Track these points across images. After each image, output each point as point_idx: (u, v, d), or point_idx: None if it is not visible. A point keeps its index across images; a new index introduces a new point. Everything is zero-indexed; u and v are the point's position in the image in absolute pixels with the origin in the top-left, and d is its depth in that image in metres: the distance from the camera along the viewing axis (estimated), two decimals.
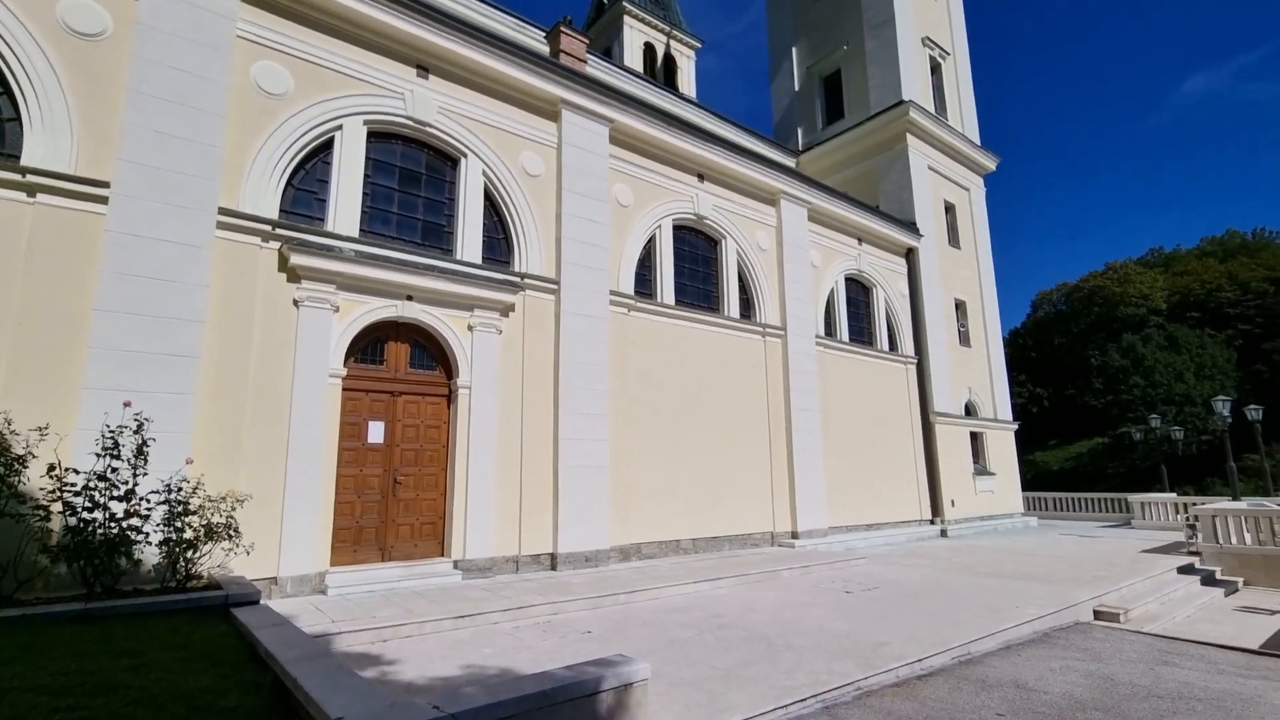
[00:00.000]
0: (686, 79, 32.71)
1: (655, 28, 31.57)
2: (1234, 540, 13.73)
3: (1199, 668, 6.71)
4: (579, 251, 11.82)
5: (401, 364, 10.09)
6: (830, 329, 17.41)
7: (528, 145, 11.74)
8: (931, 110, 22.17)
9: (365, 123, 9.90)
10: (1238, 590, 12.76)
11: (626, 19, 30.69)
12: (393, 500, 9.67)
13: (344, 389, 9.30)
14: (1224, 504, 14.99)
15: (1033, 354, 74.06)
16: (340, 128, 9.64)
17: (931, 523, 18.63)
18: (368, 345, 9.76)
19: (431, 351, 10.37)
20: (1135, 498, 22.25)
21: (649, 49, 31.49)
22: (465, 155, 10.92)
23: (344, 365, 9.25)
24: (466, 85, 11.09)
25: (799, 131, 24.82)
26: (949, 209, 22.44)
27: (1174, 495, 23.00)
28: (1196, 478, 48.90)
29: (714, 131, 16.31)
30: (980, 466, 20.99)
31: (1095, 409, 60.21)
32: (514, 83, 11.49)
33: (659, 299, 13.44)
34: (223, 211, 8.27)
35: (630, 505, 12.08)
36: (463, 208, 10.83)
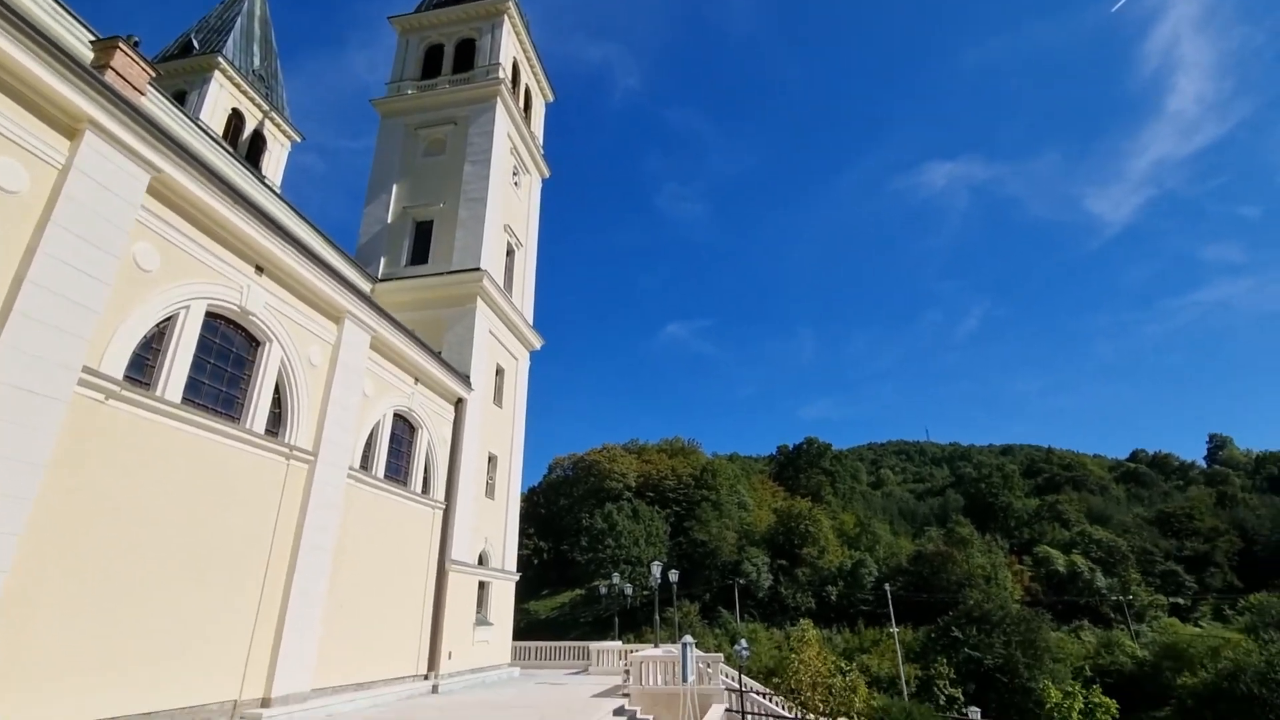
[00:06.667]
0: (275, 165, 30.16)
1: (251, 99, 28.75)
2: (653, 682, 17.33)
3: None
4: (47, 304, 8.81)
5: None
6: (367, 463, 16.64)
7: (17, 150, 8.70)
8: (501, 285, 25.37)
9: None
10: None
11: (218, 73, 27.23)
12: None
13: None
14: (648, 651, 18.98)
15: (543, 510, 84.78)
16: None
17: (425, 678, 18.12)
18: None
19: None
20: (594, 646, 26.27)
21: (236, 116, 28.22)
22: None
23: None
24: None
25: (382, 260, 24.94)
26: (499, 372, 25.11)
27: (620, 643, 28.07)
28: (638, 626, 61.08)
29: (288, 228, 14.99)
30: (482, 616, 21.89)
31: (580, 564, 71.43)
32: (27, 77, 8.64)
33: (160, 391, 10.79)
34: None
35: (16, 674, 8.35)
36: None
